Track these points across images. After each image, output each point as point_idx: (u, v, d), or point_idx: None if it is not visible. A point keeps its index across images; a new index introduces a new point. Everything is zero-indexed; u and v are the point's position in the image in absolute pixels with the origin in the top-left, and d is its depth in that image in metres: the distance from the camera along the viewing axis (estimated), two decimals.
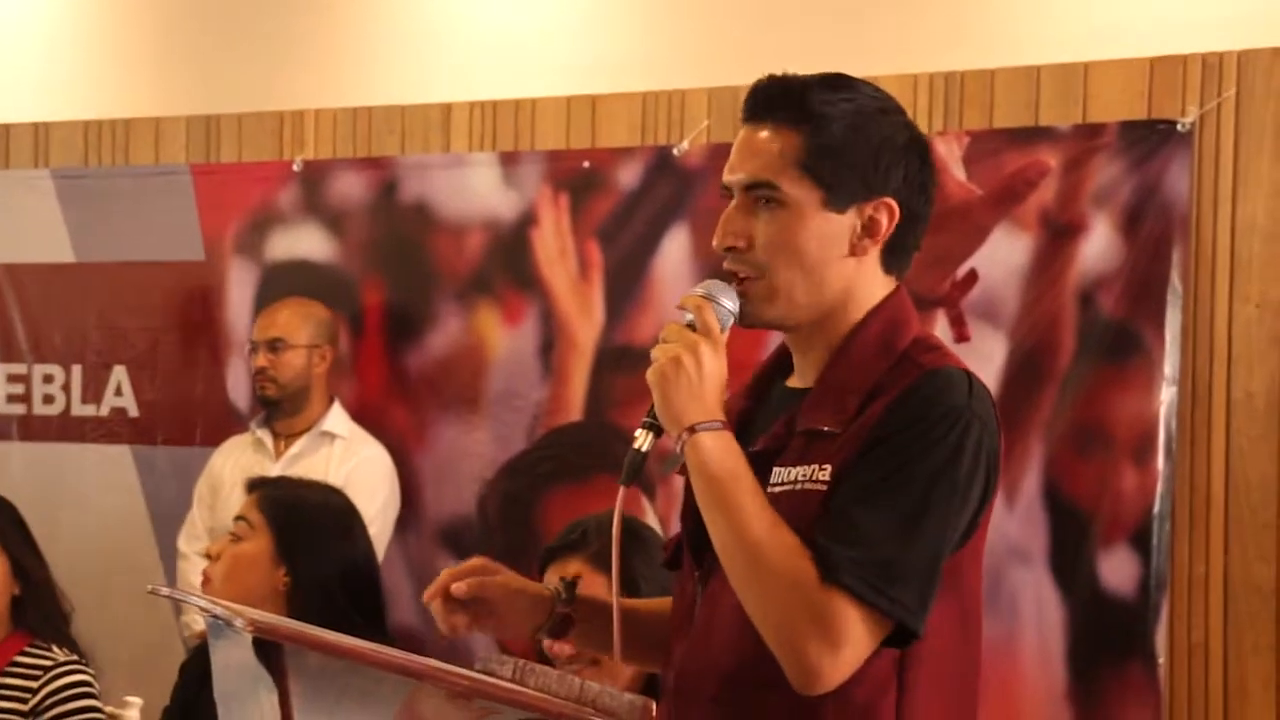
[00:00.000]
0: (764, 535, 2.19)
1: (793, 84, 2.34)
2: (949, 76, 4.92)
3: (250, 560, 3.64)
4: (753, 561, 2.19)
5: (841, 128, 2.31)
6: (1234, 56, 4.62)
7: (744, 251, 2.32)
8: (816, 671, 2.17)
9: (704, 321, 2.28)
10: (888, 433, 2.22)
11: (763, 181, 2.32)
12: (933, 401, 2.23)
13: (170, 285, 5.90)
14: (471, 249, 5.47)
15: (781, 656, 2.18)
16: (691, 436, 2.23)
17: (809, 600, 2.16)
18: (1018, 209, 4.78)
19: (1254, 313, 4.60)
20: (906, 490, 2.19)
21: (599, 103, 5.38)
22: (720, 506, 2.22)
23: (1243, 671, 4.58)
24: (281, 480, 3.88)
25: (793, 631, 2.16)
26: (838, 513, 2.20)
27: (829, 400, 2.30)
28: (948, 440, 2.21)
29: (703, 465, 2.23)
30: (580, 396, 5.33)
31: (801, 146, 2.31)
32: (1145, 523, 4.62)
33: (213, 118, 5.94)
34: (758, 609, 2.20)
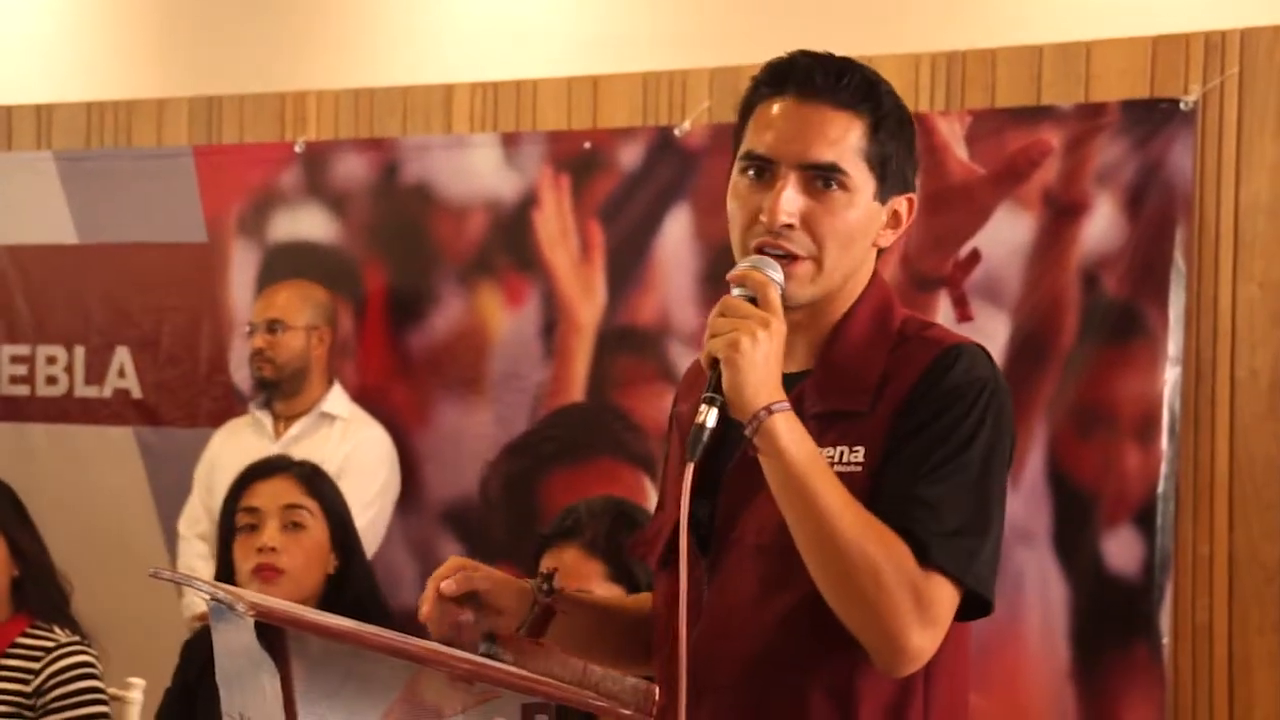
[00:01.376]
0: (856, 521, 2.17)
1: (849, 66, 2.31)
2: (951, 56, 4.91)
3: (319, 547, 3.69)
4: (849, 548, 2.16)
5: (894, 121, 2.32)
6: (1236, 35, 4.61)
7: (796, 230, 2.28)
8: (915, 652, 2.19)
9: (770, 299, 2.22)
10: (930, 414, 2.23)
11: (829, 164, 2.28)
12: (966, 379, 2.25)
13: (173, 266, 5.90)
14: (473, 230, 5.47)
15: (874, 639, 2.19)
16: (770, 417, 2.17)
17: (912, 583, 2.17)
18: (1020, 189, 4.77)
19: (1257, 292, 4.59)
20: (968, 470, 2.22)
21: (600, 83, 5.38)
22: (802, 492, 2.17)
23: (1247, 651, 4.58)
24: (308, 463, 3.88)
25: (893, 614, 2.17)
26: (904, 496, 2.20)
27: (837, 381, 2.30)
28: (989, 414, 2.24)
29: (781, 449, 2.17)
30: (582, 377, 5.33)
31: (865, 134, 2.29)
32: (1149, 503, 4.62)
33: (215, 99, 5.94)
34: (851, 594, 2.18)
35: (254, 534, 3.70)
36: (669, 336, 5.18)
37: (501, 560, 5.25)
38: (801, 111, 2.29)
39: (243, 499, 3.75)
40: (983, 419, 2.24)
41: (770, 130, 2.30)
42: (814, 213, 2.28)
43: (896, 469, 2.23)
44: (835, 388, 2.29)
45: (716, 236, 5.02)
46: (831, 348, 2.33)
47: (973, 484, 2.22)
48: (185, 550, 5.34)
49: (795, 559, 2.23)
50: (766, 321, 2.19)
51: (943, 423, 2.23)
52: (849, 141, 2.28)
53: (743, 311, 2.20)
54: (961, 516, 2.21)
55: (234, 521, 3.75)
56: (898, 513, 2.20)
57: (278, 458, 3.96)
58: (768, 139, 2.30)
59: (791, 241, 2.27)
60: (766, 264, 2.26)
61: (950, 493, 2.21)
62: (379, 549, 5.27)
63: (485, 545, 5.39)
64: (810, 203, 2.28)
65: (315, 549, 3.72)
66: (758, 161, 2.30)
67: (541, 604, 2.39)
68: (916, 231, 4.77)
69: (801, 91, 2.29)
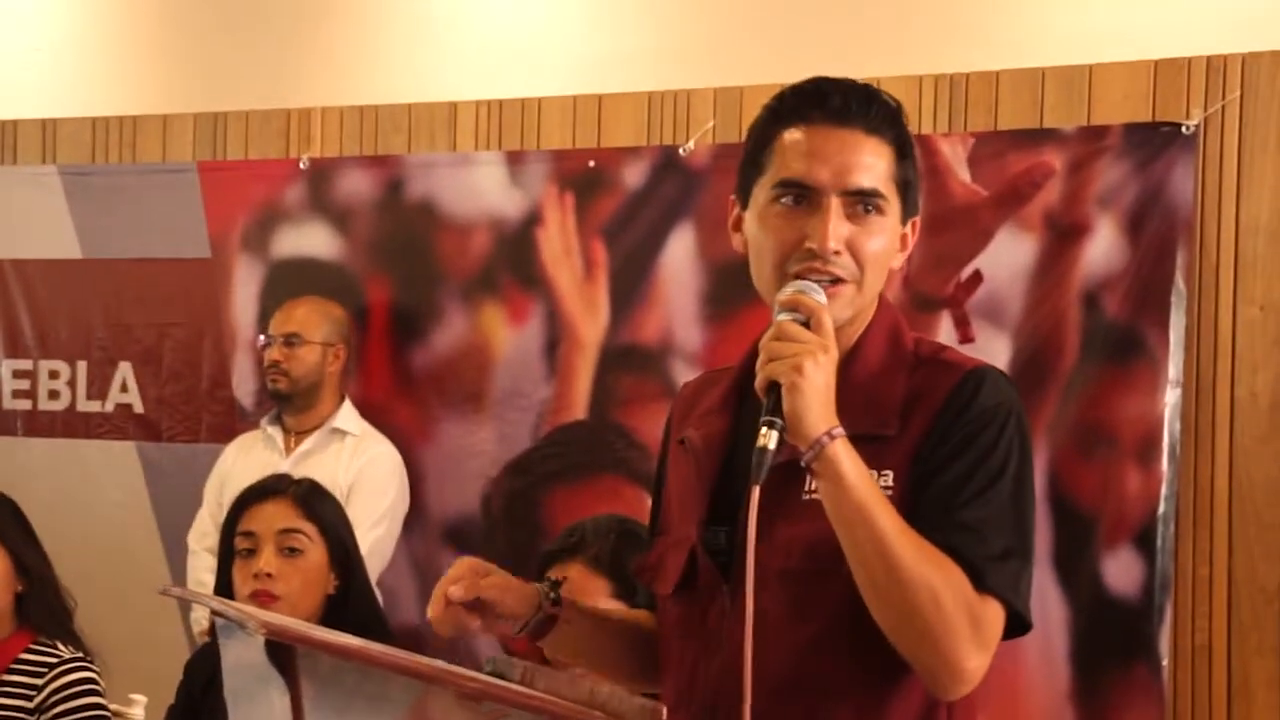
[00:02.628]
0: (914, 548, 2.18)
1: (874, 92, 2.34)
2: (954, 78, 4.93)
3: (318, 571, 3.68)
4: (908, 574, 2.17)
5: (911, 146, 2.36)
6: (1238, 59, 4.63)
7: (841, 256, 2.29)
8: (971, 674, 2.21)
9: (824, 324, 2.21)
10: (962, 440, 2.25)
11: (873, 190, 2.30)
12: (992, 403, 2.28)
13: (176, 282, 5.91)
14: (477, 247, 5.48)
15: (932, 662, 2.20)
16: (831, 443, 2.17)
17: (970, 608, 2.19)
18: (1022, 210, 4.79)
19: (1258, 314, 4.61)
20: (1004, 494, 2.24)
21: (605, 102, 5.39)
22: (862, 517, 2.18)
23: (1246, 673, 4.59)
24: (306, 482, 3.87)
25: (953, 641, 2.18)
26: (947, 521, 2.22)
27: (858, 404, 2.29)
28: (1017, 437, 2.28)
29: (842, 474, 2.17)
30: (585, 395, 5.34)
31: (893, 159, 2.33)
32: (1149, 524, 4.63)
33: (220, 115, 5.95)
34: (909, 619, 2.19)
35: (251, 559, 3.68)
36: (672, 355, 5.19)
37: None
38: (837, 137, 2.31)
39: (240, 523, 3.74)
40: (1012, 442, 2.27)
41: (806, 157, 2.30)
42: (857, 237, 2.30)
43: (935, 494, 2.25)
44: (859, 411, 2.28)
45: (719, 256, 5.04)
46: (850, 370, 2.33)
47: (1010, 507, 2.25)
48: (194, 564, 5.34)
49: (822, 584, 2.25)
50: (825, 347, 2.20)
51: (977, 447, 2.25)
52: (883, 167, 2.31)
53: (802, 337, 2.19)
54: (1005, 539, 2.23)
55: (233, 545, 3.74)
56: (944, 538, 2.21)
57: (275, 479, 3.93)
58: (803, 166, 2.30)
59: (839, 266, 2.29)
60: (813, 289, 2.26)
61: (992, 516, 2.23)
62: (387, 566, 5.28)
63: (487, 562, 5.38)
64: (853, 228, 2.30)
65: (313, 572, 3.70)
66: (796, 188, 2.31)
67: (546, 611, 2.40)
68: (919, 252, 4.73)
69: (833, 118, 2.31)
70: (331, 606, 3.70)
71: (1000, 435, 2.26)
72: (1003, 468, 2.26)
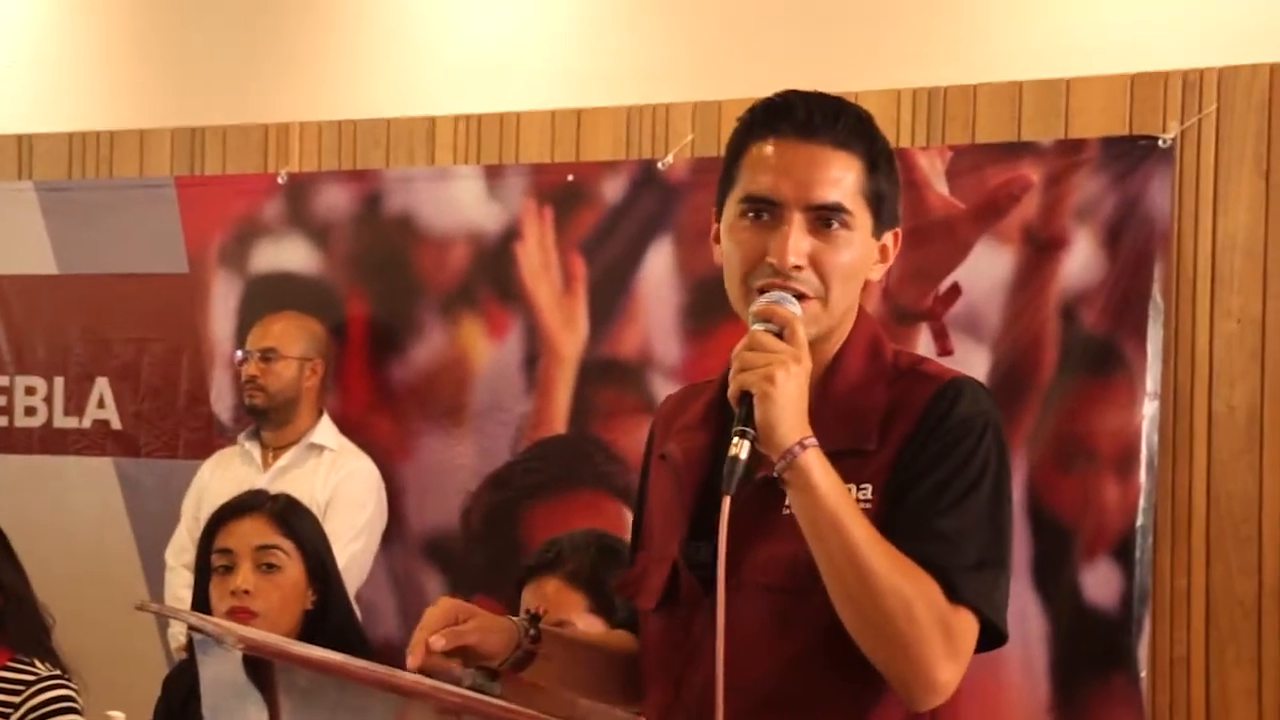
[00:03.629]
0: (887, 558, 2.18)
1: (843, 104, 2.33)
2: (932, 92, 4.94)
3: (295, 587, 3.67)
4: (881, 585, 2.17)
5: (886, 157, 2.35)
6: (1215, 73, 4.64)
7: (804, 271, 2.28)
8: (944, 686, 2.21)
9: (797, 334, 2.22)
10: (939, 450, 2.25)
11: (836, 205, 2.29)
12: (970, 413, 2.28)
13: (154, 297, 5.90)
14: (456, 262, 5.48)
15: (904, 674, 2.20)
16: (803, 453, 2.17)
17: (942, 618, 2.19)
18: (1000, 224, 4.80)
19: (1235, 327, 4.62)
20: (981, 505, 2.25)
21: (583, 116, 5.40)
22: (834, 528, 2.17)
23: (1225, 685, 4.59)
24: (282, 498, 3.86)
25: (926, 652, 2.18)
26: (923, 531, 2.22)
27: (838, 418, 2.29)
28: (994, 447, 2.28)
29: (814, 484, 2.17)
30: (564, 410, 5.33)
31: (863, 172, 2.31)
32: (1127, 536, 4.63)
33: (197, 130, 5.95)
34: (882, 630, 2.19)
35: (229, 575, 3.67)
36: (651, 369, 5.19)
37: (481, 593, 5.27)
38: (802, 152, 2.30)
39: (217, 539, 3.72)
40: (989, 452, 2.27)
41: (770, 172, 2.30)
42: (820, 252, 2.29)
43: (912, 505, 2.24)
44: (839, 425, 2.29)
45: (699, 269, 5.05)
46: (830, 384, 2.34)
47: (987, 517, 2.25)
48: (172, 580, 5.33)
49: (803, 599, 2.24)
50: (798, 356, 2.20)
51: (954, 458, 2.25)
52: (850, 181, 2.30)
53: (774, 346, 2.20)
54: (980, 550, 2.23)
55: (209, 562, 3.73)
56: (918, 548, 2.21)
57: (250, 495, 3.92)
58: (768, 180, 2.30)
59: (801, 282, 2.28)
60: (787, 300, 2.26)
61: (968, 527, 2.23)
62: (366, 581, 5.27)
63: (466, 577, 5.39)
64: (816, 243, 2.29)
65: (291, 588, 3.68)
66: (759, 204, 2.31)
67: (525, 648, 2.39)
68: (898, 265, 4.75)
69: (799, 132, 2.30)
70: (309, 622, 3.69)
71: (978, 445, 2.26)
72: (979, 478, 2.26)
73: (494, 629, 2.37)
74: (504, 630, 2.39)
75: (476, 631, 2.35)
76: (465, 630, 2.34)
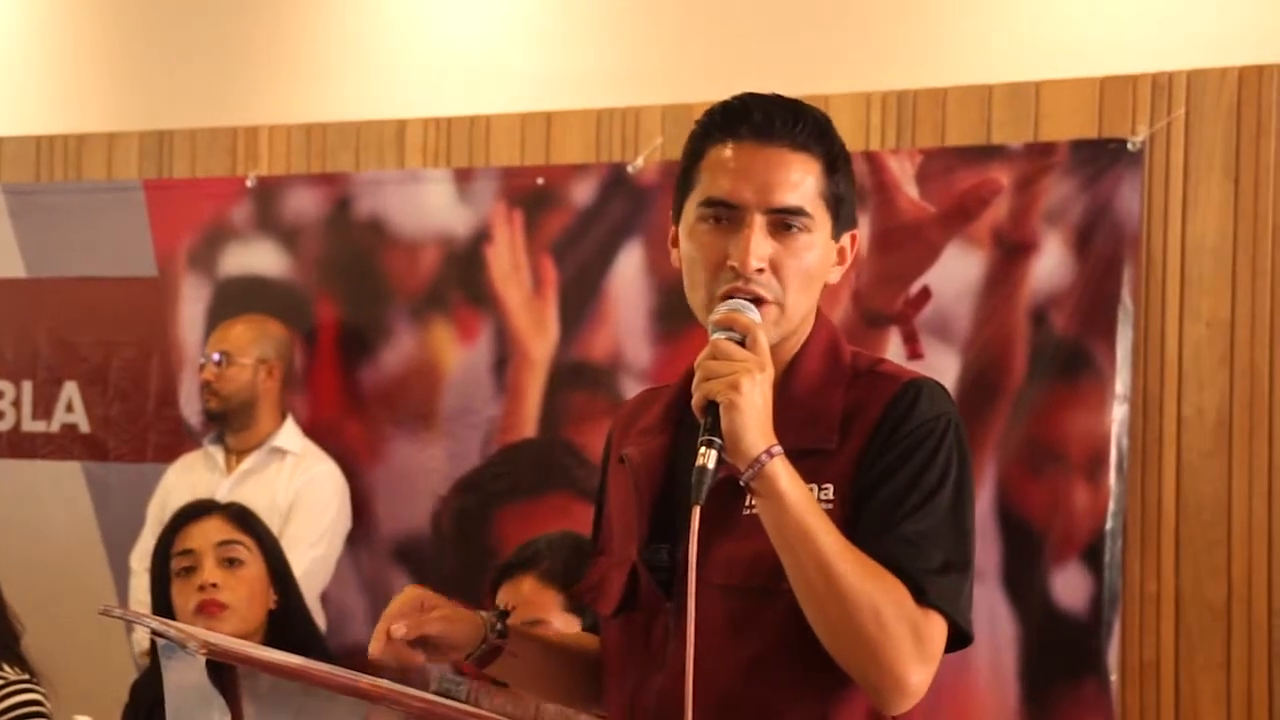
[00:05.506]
0: (856, 563, 2.18)
1: (801, 107, 2.33)
2: (901, 95, 4.95)
3: (260, 582, 3.69)
4: (849, 589, 2.17)
5: (843, 159, 2.35)
6: (1184, 76, 4.65)
7: (765, 275, 2.28)
8: (915, 689, 2.21)
9: (759, 342, 2.21)
10: (900, 454, 2.26)
11: (795, 208, 2.29)
12: (930, 414, 2.28)
13: (122, 301, 5.88)
14: (426, 265, 5.47)
15: (875, 678, 2.20)
16: (770, 461, 2.17)
17: (912, 622, 2.19)
18: (970, 227, 4.80)
19: (1204, 331, 4.63)
20: (943, 507, 2.25)
21: (554, 119, 5.39)
22: (802, 534, 2.18)
23: (1194, 688, 4.60)
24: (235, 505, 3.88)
25: (896, 655, 2.19)
26: (888, 535, 2.22)
27: (797, 420, 2.29)
28: (955, 449, 2.28)
29: (781, 492, 2.17)
30: (534, 413, 5.33)
31: (822, 174, 2.31)
32: (1097, 540, 4.64)
33: (166, 133, 5.93)
34: (851, 634, 2.19)
35: (192, 575, 3.68)
36: (621, 372, 5.18)
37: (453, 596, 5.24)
38: (761, 155, 2.30)
39: (176, 543, 3.74)
40: (951, 454, 2.27)
41: (730, 175, 2.30)
42: (780, 256, 2.29)
43: (876, 508, 2.25)
44: (799, 426, 2.29)
45: (669, 273, 5.01)
46: (789, 386, 2.33)
47: (950, 519, 2.25)
48: (136, 585, 5.31)
49: (764, 601, 2.25)
50: (761, 365, 2.19)
51: (915, 460, 2.26)
52: (810, 184, 2.30)
53: (738, 355, 2.19)
54: (944, 552, 2.24)
55: (169, 567, 3.73)
56: (884, 552, 2.21)
57: (206, 501, 3.95)
58: (728, 184, 2.29)
59: (761, 286, 2.28)
60: (747, 307, 2.26)
61: (932, 529, 2.24)
62: (328, 585, 5.26)
63: (437, 580, 5.34)
64: (777, 246, 2.29)
65: (256, 582, 3.71)
66: (720, 207, 2.30)
67: (491, 643, 2.38)
68: (867, 268, 4.79)
69: (758, 135, 2.30)
70: (274, 623, 3.70)
71: (939, 447, 2.27)
72: (941, 480, 2.26)
73: (459, 620, 2.37)
74: (469, 623, 2.39)
75: (440, 621, 2.35)
76: (428, 619, 2.34)
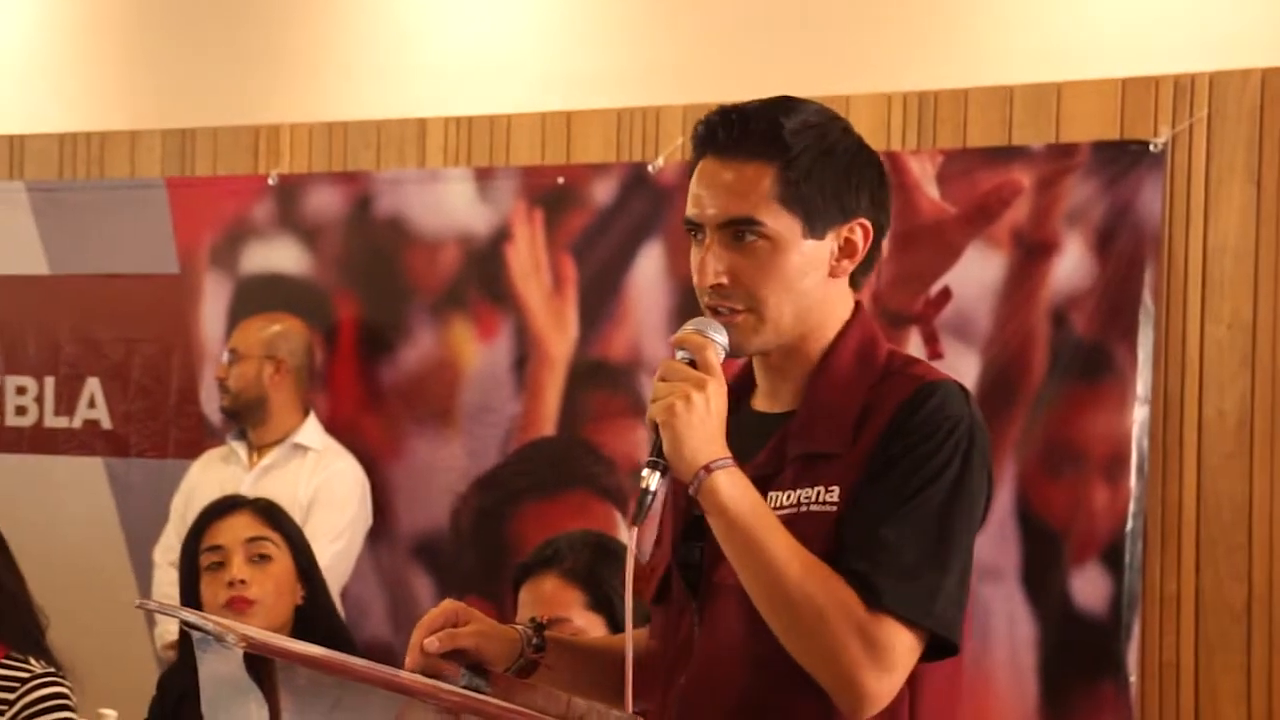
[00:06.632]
0: (801, 569, 2.19)
1: (754, 115, 2.33)
2: (923, 96, 4.95)
3: (288, 578, 3.71)
4: (794, 596, 2.19)
5: (812, 156, 2.32)
6: (1206, 78, 4.65)
7: (729, 287, 2.31)
8: (872, 696, 2.20)
9: (707, 361, 2.26)
10: (899, 451, 2.24)
11: (742, 218, 2.31)
12: (937, 415, 2.26)
13: (144, 298, 5.90)
14: (446, 263, 5.48)
15: (830, 685, 2.20)
16: (709, 476, 2.21)
17: (860, 629, 2.18)
18: (991, 228, 4.81)
19: (1225, 332, 4.63)
20: (931, 507, 2.23)
21: (574, 119, 5.40)
22: (747, 545, 2.21)
23: (1214, 690, 4.60)
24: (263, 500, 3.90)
25: (844, 661, 2.18)
26: (867, 536, 2.22)
27: (820, 422, 2.31)
28: (958, 452, 2.25)
29: (723, 506, 2.21)
30: (554, 411, 5.34)
31: (777, 179, 2.30)
32: (1117, 541, 4.64)
33: (188, 131, 5.94)
34: (801, 641, 2.21)
35: (221, 570, 3.70)
36: (640, 371, 5.19)
37: (471, 594, 5.27)
38: (715, 170, 2.33)
39: (205, 539, 3.76)
40: (950, 457, 2.24)
41: (694, 195, 2.35)
42: (739, 267, 2.31)
43: (861, 508, 2.24)
44: (816, 429, 2.30)
45: (688, 272, 5.02)
46: (815, 387, 2.34)
47: (935, 523, 2.23)
48: (159, 579, 5.33)
49: None
50: (702, 383, 2.23)
51: (907, 462, 2.24)
52: (761, 190, 2.31)
53: (679, 375, 2.24)
54: (921, 557, 2.21)
55: (198, 562, 3.75)
56: (857, 553, 2.21)
57: (234, 497, 3.97)
58: (692, 204, 2.35)
59: (728, 298, 2.32)
60: (708, 324, 2.30)
61: (912, 532, 2.22)
62: (348, 581, 5.27)
63: (455, 578, 5.40)
64: (735, 257, 2.31)
65: (284, 578, 3.73)
66: (690, 226, 2.36)
67: (528, 657, 2.39)
68: (888, 269, 4.80)
69: (716, 151, 2.34)
70: (300, 618, 3.72)
71: (937, 450, 2.24)
72: (932, 481, 2.23)
73: (494, 636, 2.38)
74: (505, 638, 2.39)
75: (474, 636, 2.35)
76: (462, 633, 2.34)
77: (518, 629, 2.42)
